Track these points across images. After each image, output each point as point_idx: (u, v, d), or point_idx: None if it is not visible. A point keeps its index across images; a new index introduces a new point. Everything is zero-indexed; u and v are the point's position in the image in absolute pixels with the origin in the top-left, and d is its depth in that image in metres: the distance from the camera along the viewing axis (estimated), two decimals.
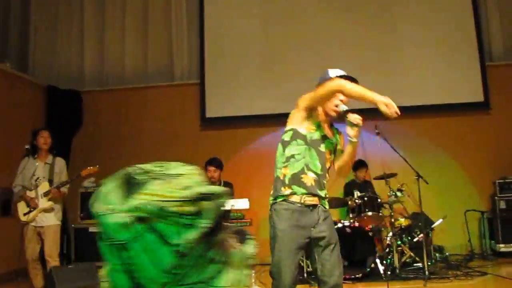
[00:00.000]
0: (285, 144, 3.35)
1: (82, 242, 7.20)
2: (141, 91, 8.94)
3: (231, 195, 6.78)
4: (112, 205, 0.97)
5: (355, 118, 3.24)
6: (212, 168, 6.88)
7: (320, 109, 3.39)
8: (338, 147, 3.46)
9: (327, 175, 3.38)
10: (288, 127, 3.39)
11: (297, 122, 3.35)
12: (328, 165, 3.38)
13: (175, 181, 1.04)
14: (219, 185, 7.00)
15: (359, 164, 7.28)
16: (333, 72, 3.43)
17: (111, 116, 8.90)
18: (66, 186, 5.80)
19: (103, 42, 9.24)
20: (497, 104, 8.13)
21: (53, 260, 5.63)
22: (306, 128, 3.32)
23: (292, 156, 3.29)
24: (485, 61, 8.25)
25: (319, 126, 3.35)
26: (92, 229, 7.21)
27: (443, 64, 8.19)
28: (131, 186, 1.00)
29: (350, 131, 3.26)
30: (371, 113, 8.17)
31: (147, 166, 1.07)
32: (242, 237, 1.22)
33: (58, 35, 9.38)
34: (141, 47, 9.15)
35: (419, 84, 8.18)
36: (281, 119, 8.62)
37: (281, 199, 3.26)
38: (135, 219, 0.93)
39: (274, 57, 8.47)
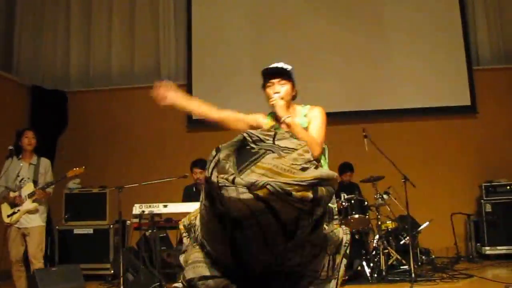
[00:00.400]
0: None
1: (66, 244, 7.09)
2: (127, 92, 8.86)
3: None
4: (227, 175, 0.88)
5: (271, 100, 3.29)
6: (198, 170, 6.84)
7: (272, 115, 3.40)
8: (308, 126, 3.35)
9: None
10: None
11: None
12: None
13: (288, 157, 0.96)
14: None
15: (344, 168, 7.28)
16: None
17: (97, 117, 8.81)
18: (51, 187, 5.74)
19: (89, 42, 9.15)
20: (484, 108, 8.18)
21: (37, 262, 5.55)
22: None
23: None
24: (472, 65, 8.29)
25: (274, 129, 3.34)
26: (76, 231, 7.12)
27: (431, 68, 8.23)
28: (245, 154, 0.92)
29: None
30: (358, 116, 8.27)
31: (258, 134, 0.99)
32: (329, 216, 1.11)
33: (44, 35, 9.27)
34: (128, 47, 9.07)
35: (407, 87, 8.22)
36: None
37: None
38: (256, 197, 0.86)
39: (262, 60, 8.37)
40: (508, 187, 7.47)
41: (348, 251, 1.10)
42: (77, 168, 5.89)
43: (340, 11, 8.49)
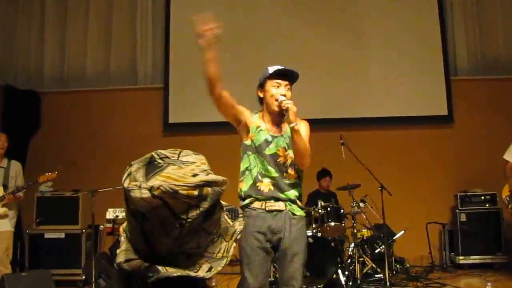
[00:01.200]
0: (241, 159, 3.40)
1: (36, 249, 6.91)
2: (102, 94, 8.72)
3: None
4: (138, 182, 1.31)
5: (284, 103, 3.24)
6: None
7: (260, 114, 3.43)
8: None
9: (291, 172, 3.33)
10: (241, 142, 3.44)
11: (242, 137, 3.40)
12: (288, 161, 3.32)
13: (186, 168, 1.35)
14: None
15: (323, 173, 7.29)
16: (271, 69, 3.45)
17: (70, 119, 8.65)
18: (21, 191, 5.62)
19: (65, 42, 8.95)
20: (460, 118, 8.24)
21: (5, 268, 5.43)
22: (249, 138, 3.34)
23: (246, 168, 3.33)
24: (450, 75, 8.35)
25: (259, 130, 3.34)
26: (48, 235, 6.97)
27: (409, 77, 8.27)
28: (152, 168, 1.36)
29: (286, 118, 3.24)
30: (336, 124, 8.26)
31: (166, 152, 1.42)
32: (234, 214, 1.55)
33: (18, 33, 9.05)
34: (104, 48, 8.91)
35: (385, 96, 8.26)
36: None
37: (244, 207, 3.28)
38: (153, 195, 1.26)
39: (241, 64, 8.40)
40: (482, 197, 7.52)
41: (239, 237, 1.50)
42: (50, 173, 5.79)
43: (320, 22, 8.48)
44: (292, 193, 3.31)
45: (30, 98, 8.60)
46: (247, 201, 3.27)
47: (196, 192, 1.30)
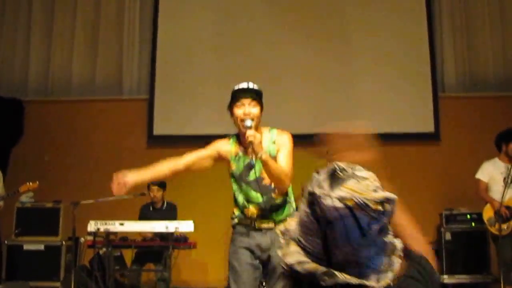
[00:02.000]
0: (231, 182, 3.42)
1: (15, 260, 6.78)
2: (87, 104, 8.62)
3: (175, 218, 6.59)
4: (324, 190, 1.40)
5: (247, 136, 3.18)
6: (155, 188, 6.73)
7: (235, 138, 3.42)
8: (277, 154, 3.36)
9: (277, 191, 3.32)
10: None
11: (224, 165, 3.45)
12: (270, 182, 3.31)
13: (363, 182, 1.44)
14: (162, 205, 6.80)
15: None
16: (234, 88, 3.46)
17: (54, 128, 8.51)
18: (1, 201, 5.52)
19: (50, 51, 8.84)
20: (447, 135, 8.21)
21: None
22: (230, 166, 3.38)
23: (234, 195, 3.38)
24: (438, 92, 8.34)
25: (238, 158, 3.35)
26: (27, 247, 6.84)
27: (396, 93, 8.25)
28: (335, 179, 1.43)
29: (251, 151, 3.20)
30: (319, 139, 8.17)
31: (344, 165, 1.48)
32: (385, 231, 1.56)
33: (2, 40, 8.94)
34: (90, 58, 8.80)
35: (372, 112, 8.19)
36: None
37: (234, 225, 3.37)
38: (345, 205, 1.37)
39: (228, 79, 8.32)
40: (468, 216, 7.45)
41: (402, 254, 1.53)
42: (31, 183, 5.73)
43: (308, 34, 8.44)
44: (282, 215, 3.30)
45: (14, 106, 8.47)
46: (236, 220, 3.34)
47: (380, 207, 1.41)
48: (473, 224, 7.40)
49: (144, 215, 6.70)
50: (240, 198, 3.30)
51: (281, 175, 3.24)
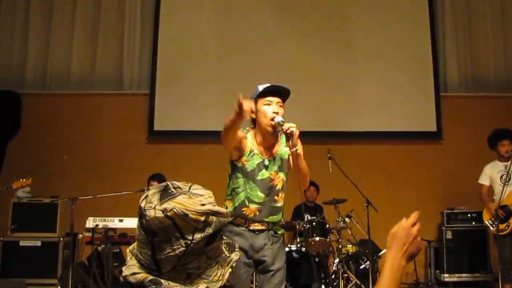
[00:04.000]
0: (229, 177, 3.40)
1: (11, 256, 6.68)
2: (86, 98, 8.54)
3: None
4: (152, 204, 1.52)
5: (288, 126, 3.16)
6: (155, 183, 6.68)
7: (252, 133, 3.38)
8: (289, 157, 3.39)
9: (282, 195, 3.35)
10: (230, 159, 3.40)
11: (232, 155, 3.35)
12: (279, 185, 3.33)
13: (196, 199, 1.55)
14: None
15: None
16: (261, 87, 3.42)
17: (52, 122, 8.42)
18: None
19: (49, 43, 8.74)
20: (449, 134, 8.24)
21: None
22: (242, 161, 3.30)
23: (233, 190, 3.32)
24: (440, 92, 8.35)
25: (252, 154, 3.31)
26: (23, 243, 6.76)
27: (398, 93, 8.28)
28: (166, 194, 1.55)
29: (287, 142, 3.23)
30: (324, 137, 8.17)
31: (179, 184, 1.64)
32: (231, 248, 1.76)
33: (0, 32, 8.84)
34: (90, 50, 8.71)
35: (374, 111, 8.25)
36: None
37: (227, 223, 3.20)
38: (166, 215, 1.48)
39: (229, 73, 8.31)
40: (469, 215, 7.51)
41: (234, 264, 1.69)
42: (24, 180, 5.65)
43: (311, 33, 8.43)
44: (276, 217, 3.34)
45: (10, 99, 8.38)
46: (231, 218, 3.27)
47: (202, 218, 1.51)
48: (473, 223, 7.45)
49: None
50: (242, 195, 3.27)
51: (307, 172, 3.32)
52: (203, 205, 1.56)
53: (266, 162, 3.30)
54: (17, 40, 8.84)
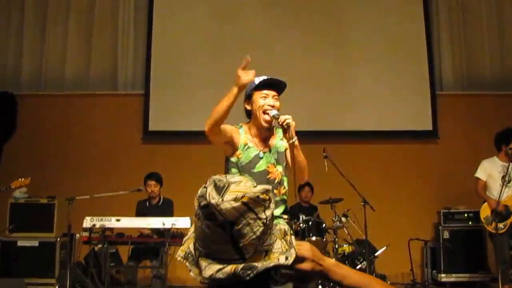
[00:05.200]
0: (225, 173, 3.25)
1: (9, 256, 6.71)
2: (81, 98, 8.55)
3: (171, 213, 6.57)
4: (217, 198, 1.51)
5: (284, 119, 3.13)
6: (152, 183, 6.72)
7: (245, 127, 3.36)
8: (286, 151, 3.37)
9: (280, 188, 3.32)
10: (225, 156, 3.37)
11: (226, 151, 3.32)
12: (277, 178, 3.30)
13: (242, 184, 1.55)
14: (159, 201, 6.78)
15: (302, 184, 7.19)
16: (257, 79, 3.39)
17: (48, 123, 8.45)
18: None
19: (44, 44, 8.75)
20: (445, 133, 8.26)
21: None
22: (235, 155, 3.28)
23: None
24: (436, 90, 8.38)
25: (247, 148, 3.28)
26: (21, 243, 6.77)
27: (394, 92, 8.32)
28: (220, 188, 1.55)
29: (284, 134, 3.18)
30: (320, 136, 8.18)
31: (218, 176, 1.61)
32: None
33: None
34: (84, 51, 8.73)
35: (370, 110, 8.27)
36: None
37: None
38: (242, 203, 1.47)
39: (223, 73, 8.28)
40: (465, 215, 7.53)
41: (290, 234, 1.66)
42: (23, 179, 5.68)
43: (306, 33, 8.46)
44: (278, 211, 3.26)
45: (6, 100, 8.38)
46: None
47: (266, 196, 1.53)
48: (470, 222, 7.48)
49: (141, 211, 6.67)
50: None
51: (305, 165, 3.30)
52: (254, 186, 1.58)
53: (261, 155, 3.28)
54: (12, 42, 8.85)
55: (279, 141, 3.39)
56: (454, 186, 7.87)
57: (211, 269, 1.58)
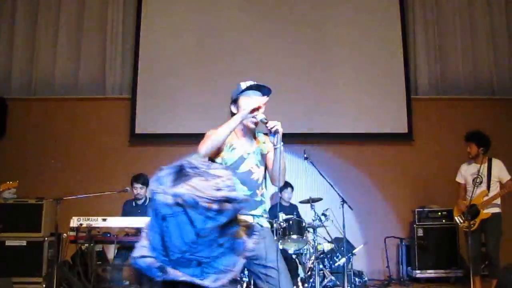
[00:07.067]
0: None
1: None
2: (70, 102, 8.69)
3: None
4: (162, 187, 1.37)
5: (273, 125, 3.21)
6: (138, 185, 6.79)
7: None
8: (268, 154, 3.42)
9: (261, 189, 3.37)
10: (207, 158, 3.33)
11: (211, 154, 3.31)
12: (260, 179, 3.37)
13: (211, 181, 1.40)
14: (145, 202, 6.91)
15: (284, 185, 7.32)
16: (244, 84, 3.45)
17: (37, 126, 8.59)
18: None
19: (34, 49, 8.91)
20: (420, 135, 8.49)
21: None
22: (221, 156, 3.30)
23: None
24: (411, 94, 8.60)
25: (232, 148, 3.34)
26: (9, 243, 6.88)
27: (372, 95, 8.46)
28: (180, 175, 1.39)
29: (272, 138, 3.24)
30: (300, 138, 8.39)
31: (196, 162, 1.45)
32: (250, 232, 1.58)
33: None
34: (73, 56, 8.88)
35: (349, 113, 8.46)
36: None
37: None
38: (175, 202, 1.34)
39: (208, 78, 8.48)
40: (439, 213, 7.75)
41: (248, 255, 1.54)
42: (10, 182, 5.75)
43: (287, 36, 8.66)
44: (259, 210, 3.33)
45: None
46: None
47: (215, 206, 1.39)
48: (444, 220, 7.69)
49: (127, 211, 6.78)
50: None
51: (284, 171, 3.32)
52: (218, 190, 1.46)
53: (246, 156, 3.34)
54: (2, 47, 8.99)
55: (261, 143, 3.45)
56: (428, 186, 8.10)
57: (139, 251, 1.57)
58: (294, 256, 6.39)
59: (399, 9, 8.81)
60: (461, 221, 6.30)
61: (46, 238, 6.89)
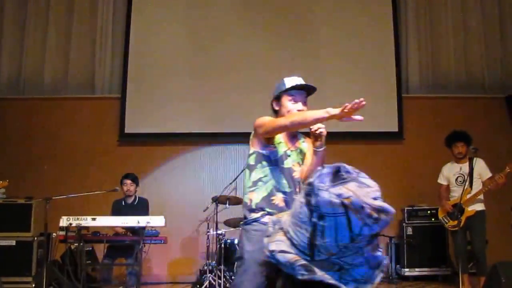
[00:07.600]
0: (251, 168, 3.29)
1: None
2: (59, 102, 8.67)
3: (147, 213, 6.72)
4: (325, 184, 1.33)
5: (317, 127, 3.24)
6: (128, 182, 6.85)
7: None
8: (307, 155, 3.41)
9: (299, 187, 3.30)
10: (251, 150, 3.34)
11: (258, 144, 3.30)
12: (300, 177, 3.33)
13: (365, 189, 1.40)
14: (134, 201, 6.92)
15: None
16: (289, 81, 3.42)
17: (26, 126, 8.56)
18: None
19: (23, 48, 8.88)
20: (410, 134, 8.52)
21: None
22: (268, 149, 3.27)
23: (259, 179, 3.23)
24: (402, 93, 8.63)
25: (279, 142, 3.32)
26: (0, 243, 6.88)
27: (362, 95, 8.30)
28: (338, 178, 1.37)
29: (315, 141, 3.26)
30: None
31: (349, 167, 1.46)
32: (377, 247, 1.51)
33: None
34: (63, 56, 8.86)
35: None
36: (203, 138, 8.64)
37: (252, 220, 3.14)
38: (341, 203, 1.30)
39: (199, 77, 8.49)
40: (428, 212, 7.78)
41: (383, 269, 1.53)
42: (1, 181, 5.75)
43: (277, 32, 8.67)
44: None
45: None
46: (258, 214, 3.12)
47: (375, 214, 1.35)
48: (433, 219, 7.68)
49: (116, 210, 6.80)
50: (270, 184, 3.17)
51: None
52: (374, 199, 1.43)
53: (289, 153, 3.31)
54: None
55: (302, 143, 3.45)
56: (418, 184, 8.11)
57: (278, 246, 1.50)
58: None
59: (391, 7, 8.82)
60: (446, 221, 6.38)
61: (35, 238, 6.89)
